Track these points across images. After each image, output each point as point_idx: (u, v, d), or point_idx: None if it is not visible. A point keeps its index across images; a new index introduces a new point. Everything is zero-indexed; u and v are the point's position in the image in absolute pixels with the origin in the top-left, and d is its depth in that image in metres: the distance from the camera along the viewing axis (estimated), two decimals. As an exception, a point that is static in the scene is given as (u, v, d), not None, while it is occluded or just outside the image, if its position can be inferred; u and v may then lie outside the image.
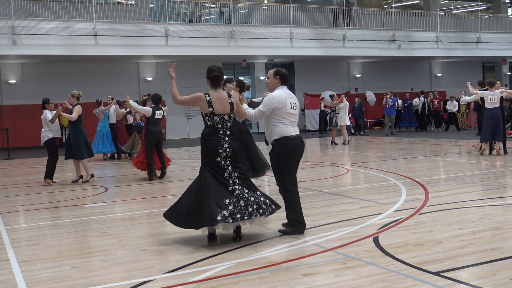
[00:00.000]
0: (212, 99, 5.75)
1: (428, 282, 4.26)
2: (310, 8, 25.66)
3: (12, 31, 19.15)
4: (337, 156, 15.69)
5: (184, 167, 13.61)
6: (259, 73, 27.05)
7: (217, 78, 5.87)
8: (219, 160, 5.68)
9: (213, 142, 5.69)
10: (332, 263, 4.89)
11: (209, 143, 5.71)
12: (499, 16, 32.00)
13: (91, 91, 23.64)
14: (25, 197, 9.89)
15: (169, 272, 4.82)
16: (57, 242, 6.17)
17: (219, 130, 5.74)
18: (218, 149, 5.68)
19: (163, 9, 23.18)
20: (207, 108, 5.75)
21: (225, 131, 5.76)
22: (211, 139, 5.71)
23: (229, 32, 22.75)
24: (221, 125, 5.76)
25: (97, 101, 16.54)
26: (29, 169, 15.00)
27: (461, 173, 10.72)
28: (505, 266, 4.60)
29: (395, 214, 6.83)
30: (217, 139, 5.70)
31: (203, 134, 5.81)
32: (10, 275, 4.95)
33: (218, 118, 5.75)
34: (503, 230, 5.85)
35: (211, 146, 5.69)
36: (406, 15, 27.85)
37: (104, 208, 8.37)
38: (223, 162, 5.69)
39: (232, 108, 5.84)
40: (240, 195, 5.60)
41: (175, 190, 9.88)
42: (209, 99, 5.76)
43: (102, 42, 20.54)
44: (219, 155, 5.68)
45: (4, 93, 22.78)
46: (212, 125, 5.76)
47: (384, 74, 30.00)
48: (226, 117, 5.79)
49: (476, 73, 32.23)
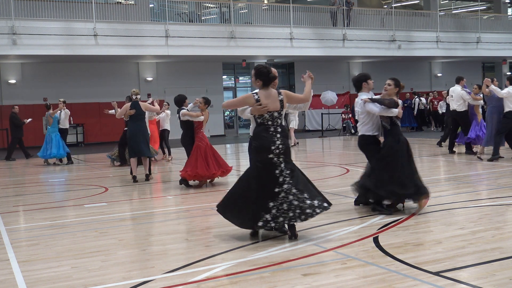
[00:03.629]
0: (261, 97, 5.74)
1: (428, 282, 4.26)
2: (310, 8, 25.67)
3: (12, 31, 19.15)
4: (337, 156, 15.70)
5: (184, 167, 13.59)
6: (259, 73, 27.03)
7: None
8: (272, 157, 5.67)
9: (265, 139, 5.69)
10: (332, 263, 4.89)
11: (261, 140, 5.71)
12: (499, 16, 32.01)
13: (91, 91, 23.71)
14: (25, 197, 9.89)
15: (169, 272, 4.82)
16: (57, 242, 6.16)
17: (269, 127, 5.72)
18: (270, 146, 5.66)
19: (163, 9, 23.19)
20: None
21: (276, 128, 5.74)
22: (262, 136, 5.71)
23: (229, 32, 22.75)
24: (271, 122, 5.74)
25: (46, 105, 16.07)
26: (29, 169, 14.99)
27: (461, 173, 10.72)
28: (505, 266, 4.60)
29: (395, 214, 6.83)
30: (268, 136, 5.70)
31: (255, 132, 5.83)
32: (10, 275, 4.95)
33: (268, 115, 5.73)
34: (503, 230, 5.85)
35: (263, 143, 5.68)
36: (406, 15, 27.86)
37: (104, 208, 8.36)
38: (276, 158, 5.67)
39: (282, 106, 5.80)
40: (285, 198, 5.56)
41: (175, 190, 9.88)
42: (257, 97, 5.74)
43: (102, 42, 20.54)
44: (272, 152, 5.66)
45: (4, 93, 22.78)
46: (262, 122, 5.76)
47: (384, 74, 29.79)
48: (276, 114, 5.76)
49: (476, 73, 32.24)
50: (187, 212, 7.85)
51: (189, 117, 10.10)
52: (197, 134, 10.16)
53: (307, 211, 5.57)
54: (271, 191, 5.58)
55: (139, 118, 10.92)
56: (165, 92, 24.79)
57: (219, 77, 26.52)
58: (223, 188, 9.85)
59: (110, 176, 12.47)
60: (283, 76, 29.08)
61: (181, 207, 8.30)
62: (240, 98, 6.01)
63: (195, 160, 9.89)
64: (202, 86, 25.04)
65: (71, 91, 22.87)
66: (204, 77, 25.51)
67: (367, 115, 7.13)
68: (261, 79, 5.80)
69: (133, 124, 10.86)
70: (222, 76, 26.95)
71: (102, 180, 11.82)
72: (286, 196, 5.57)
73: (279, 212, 5.52)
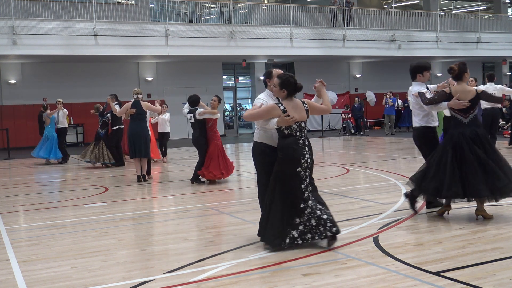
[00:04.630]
0: (287, 107, 5.45)
1: (428, 282, 4.27)
2: (310, 8, 25.66)
3: (12, 31, 19.14)
4: (337, 156, 15.70)
5: (184, 167, 13.61)
6: (259, 73, 27.03)
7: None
8: (299, 171, 5.40)
9: (295, 151, 5.39)
10: (332, 263, 4.89)
11: (292, 152, 5.38)
12: (499, 16, 32.01)
13: (91, 91, 23.68)
14: (25, 197, 9.89)
15: (169, 272, 4.82)
16: (57, 242, 6.16)
17: (299, 139, 5.45)
18: (300, 159, 5.39)
19: (163, 9, 23.18)
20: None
21: (304, 140, 5.49)
22: (293, 148, 5.39)
23: (229, 32, 22.75)
24: (299, 133, 5.47)
25: (43, 106, 16.07)
26: (29, 169, 14.99)
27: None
28: (505, 266, 4.60)
29: (395, 214, 6.83)
30: (299, 148, 5.41)
31: (283, 143, 5.44)
32: (10, 275, 4.95)
33: (296, 126, 5.45)
34: (503, 230, 5.85)
35: (294, 155, 5.38)
36: (406, 15, 27.85)
37: (104, 208, 8.36)
38: (303, 172, 5.42)
39: (308, 115, 5.60)
40: (311, 214, 5.34)
41: (175, 190, 9.89)
42: (283, 108, 5.44)
43: (102, 42, 20.54)
44: (301, 165, 5.40)
45: (4, 93, 22.77)
46: (291, 133, 5.44)
47: (384, 74, 30.00)
48: (303, 124, 5.52)
49: (476, 73, 32.19)
50: (187, 212, 7.86)
51: (208, 115, 10.28)
52: (214, 132, 10.43)
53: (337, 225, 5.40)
54: (298, 207, 5.34)
55: (140, 118, 10.82)
56: (165, 92, 24.80)
57: (219, 77, 26.52)
58: (223, 188, 9.85)
59: (110, 176, 12.47)
60: (283, 76, 29.06)
61: (181, 207, 8.30)
62: (264, 109, 5.52)
63: (217, 158, 10.21)
64: (202, 86, 25.03)
65: (71, 91, 22.87)
66: (204, 77, 25.50)
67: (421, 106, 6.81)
68: (287, 89, 5.50)
69: (134, 124, 10.76)
70: (222, 76, 26.95)
71: (102, 180, 11.82)
72: (313, 211, 5.36)
73: (307, 228, 5.31)
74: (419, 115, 6.89)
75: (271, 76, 5.80)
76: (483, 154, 6.22)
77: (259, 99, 5.76)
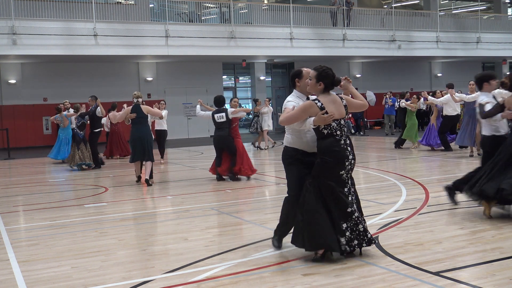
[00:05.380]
0: (325, 103, 4.95)
1: (428, 282, 4.27)
2: (310, 8, 25.67)
3: (12, 31, 19.15)
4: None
5: (184, 167, 13.61)
6: (259, 73, 27.05)
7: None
8: (342, 173, 4.94)
9: (339, 153, 4.91)
10: (332, 263, 4.89)
11: (335, 154, 4.90)
12: (499, 16, 32.01)
13: (91, 91, 23.53)
14: (25, 197, 9.89)
15: (169, 272, 4.82)
16: (57, 242, 6.16)
17: (340, 139, 4.96)
18: (345, 161, 4.92)
19: (163, 9, 23.19)
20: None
21: (345, 139, 4.99)
22: (335, 150, 4.91)
23: (229, 32, 22.75)
24: (340, 131, 4.97)
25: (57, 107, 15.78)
26: (29, 169, 15.00)
27: (461, 173, 10.69)
28: (505, 266, 4.60)
29: (395, 214, 6.83)
30: (342, 150, 4.93)
31: (324, 145, 4.95)
32: (10, 275, 4.95)
33: (335, 124, 4.96)
34: (503, 230, 5.85)
35: (339, 157, 4.90)
36: (406, 15, 27.85)
37: (104, 208, 8.36)
38: (345, 175, 4.97)
39: (347, 111, 5.13)
40: (359, 218, 4.96)
41: (175, 190, 9.89)
42: (321, 104, 4.93)
43: (102, 42, 20.55)
44: (344, 168, 4.93)
45: (4, 93, 22.78)
46: (331, 133, 4.94)
47: (384, 74, 30.00)
48: (342, 122, 5.03)
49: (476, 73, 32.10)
50: (187, 212, 7.85)
51: (242, 113, 10.78)
52: (237, 131, 10.80)
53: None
54: (344, 211, 4.92)
55: (142, 122, 10.51)
56: (165, 92, 24.79)
57: (219, 77, 26.51)
58: (223, 188, 9.85)
59: (110, 176, 12.47)
60: (283, 76, 29.10)
61: (181, 207, 8.30)
62: (301, 109, 4.96)
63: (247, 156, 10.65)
64: (202, 86, 25.04)
65: (71, 91, 22.85)
66: (204, 77, 25.50)
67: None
68: (325, 82, 5.01)
69: (136, 129, 10.46)
70: (222, 76, 26.95)
71: (102, 180, 11.82)
72: (360, 216, 5.04)
73: (354, 234, 4.91)
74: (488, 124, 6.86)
75: (301, 76, 5.28)
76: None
77: (290, 102, 5.20)
